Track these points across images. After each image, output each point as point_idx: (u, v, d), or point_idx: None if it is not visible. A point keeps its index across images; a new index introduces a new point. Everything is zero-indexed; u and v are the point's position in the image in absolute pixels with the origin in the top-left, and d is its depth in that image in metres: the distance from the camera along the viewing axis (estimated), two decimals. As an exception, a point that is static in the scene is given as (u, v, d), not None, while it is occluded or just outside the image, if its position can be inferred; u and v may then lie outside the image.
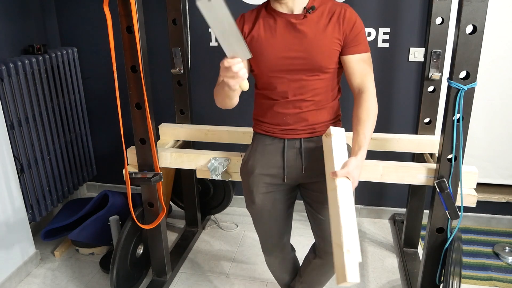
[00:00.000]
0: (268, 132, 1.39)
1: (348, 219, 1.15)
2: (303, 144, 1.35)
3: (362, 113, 1.26)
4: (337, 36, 1.26)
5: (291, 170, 1.38)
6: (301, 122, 1.34)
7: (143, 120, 1.60)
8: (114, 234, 1.92)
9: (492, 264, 2.07)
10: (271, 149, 1.38)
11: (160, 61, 2.32)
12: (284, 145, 1.36)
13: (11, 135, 1.96)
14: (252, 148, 1.44)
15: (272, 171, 1.39)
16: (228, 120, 2.42)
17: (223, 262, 2.14)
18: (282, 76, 1.30)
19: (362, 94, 1.28)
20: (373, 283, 1.97)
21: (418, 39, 2.12)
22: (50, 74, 2.21)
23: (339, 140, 1.25)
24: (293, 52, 1.27)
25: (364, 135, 1.24)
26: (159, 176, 1.68)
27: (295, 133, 1.35)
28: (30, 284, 1.99)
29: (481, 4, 1.25)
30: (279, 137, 1.37)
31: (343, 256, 1.09)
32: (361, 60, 1.29)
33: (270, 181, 1.40)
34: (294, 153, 1.36)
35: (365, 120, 1.25)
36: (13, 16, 2.12)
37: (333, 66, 1.29)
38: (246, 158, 1.46)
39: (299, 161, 1.37)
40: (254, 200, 1.43)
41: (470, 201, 1.50)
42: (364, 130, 1.24)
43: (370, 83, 1.29)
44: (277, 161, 1.38)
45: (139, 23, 1.46)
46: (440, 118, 1.63)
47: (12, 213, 1.94)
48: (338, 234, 1.14)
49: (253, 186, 1.41)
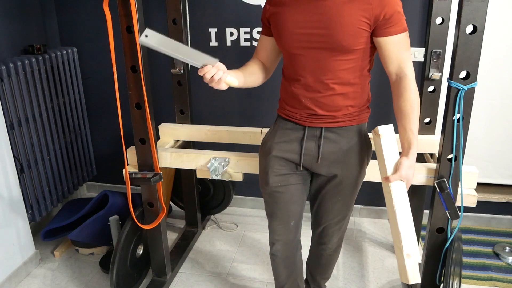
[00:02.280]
0: (290, 117, 1.35)
1: (405, 222, 1.20)
2: (323, 134, 1.32)
3: (405, 105, 1.19)
4: (363, 14, 1.15)
5: (307, 158, 1.36)
6: (322, 107, 1.27)
7: (143, 120, 1.60)
8: (114, 234, 1.92)
9: (492, 264, 2.07)
10: (291, 134, 1.36)
11: (160, 61, 2.32)
12: (304, 132, 1.33)
13: (11, 135, 1.96)
14: (273, 130, 1.42)
15: (288, 155, 1.37)
16: (228, 120, 2.42)
17: (223, 262, 2.14)
18: (302, 53, 1.23)
19: (401, 82, 1.20)
20: (373, 283, 1.97)
21: (418, 39, 2.11)
22: (50, 74, 2.21)
23: (389, 139, 1.22)
24: (314, 28, 1.19)
25: (411, 130, 1.18)
26: (159, 176, 1.68)
27: (317, 122, 1.30)
28: (30, 284, 1.99)
29: (481, 4, 1.25)
30: (300, 124, 1.33)
31: (403, 260, 1.19)
32: (397, 42, 1.18)
33: (285, 165, 1.38)
34: (313, 142, 1.34)
35: (410, 113, 1.18)
36: (13, 16, 2.12)
37: (360, 46, 1.20)
38: (265, 138, 1.44)
39: (316, 151, 1.34)
40: (268, 181, 1.41)
41: (470, 201, 1.50)
42: (411, 124, 1.18)
43: (408, 68, 1.21)
44: (295, 147, 1.36)
45: (139, 23, 1.46)
46: (440, 118, 1.63)
47: (12, 213, 1.94)
48: (397, 237, 1.20)
49: (268, 167, 1.40)
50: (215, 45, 2.29)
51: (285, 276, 1.60)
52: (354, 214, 2.54)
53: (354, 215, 2.54)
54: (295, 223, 1.51)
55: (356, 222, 2.49)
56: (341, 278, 2.00)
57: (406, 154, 1.19)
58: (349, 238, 2.32)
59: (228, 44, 2.28)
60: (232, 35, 2.26)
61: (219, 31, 2.27)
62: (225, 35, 2.27)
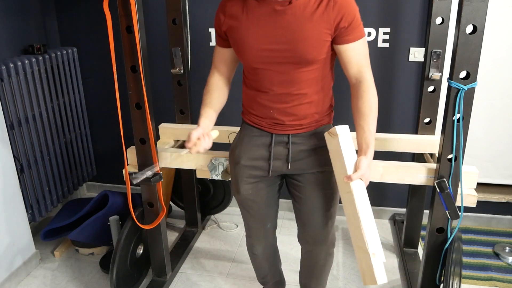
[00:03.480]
0: (256, 124, 1.36)
1: (368, 221, 1.17)
2: (290, 140, 1.33)
3: (364, 106, 1.21)
4: (325, 25, 1.17)
5: (277, 164, 1.37)
6: (289, 116, 1.30)
7: (143, 120, 1.60)
8: (114, 234, 1.92)
9: (492, 264, 2.07)
10: (258, 141, 1.36)
11: (160, 61, 2.32)
12: (271, 139, 1.34)
13: (11, 135, 1.96)
14: (239, 137, 1.42)
15: (257, 163, 1.38)
16: (228, 120, 2.42)
17: (223, 262, 2.14)
18: (267, 68, 1.24)
19: (360, 85, 1.23)
20: (373, 283, 1.97)
21: (418, 39, 2.11)
22: (50, 74, 2.21)
23: (346, 139, 1.21)
24: (277, 44, 1.19)
25: (369, 131, 1.20)
26: (159, 176, 1.68)
27: (284, 129, 1.32)
28: (30, 284, 1.99)
29: (481, 4, 1.25)
30: (267, 131, 1.34)
31: (369, 260, 1.14)
32: (356, 48, 1.21)
33: (254, 172, 1.39)
34: (281, 148, 1.35)
35: (368, 114, 1.21)
36: (13, 16, 2.12)
37: (323, 56, 1.22)
38: (233, 145, 1.45)
39: (285, 156, 1.35)
40: (239, 190, 1.43)
41: (470, 201, 1.50)
42: (369, 125, 1.20)
43: (368, 72, 1.24)
44: (263, 154, 1.36)
45: (139, 23, 1.46)
46: (440, 118, 1.63)
47: (12, 213, 1.94)
48: (360, 237, 1.17)
49: (238, 176, 1.41)
50: (214, 45, 2.29)
51: (267, 267, 1.67)
52: (354, 214, 2.54)
53: (354, 215, 2.54)
54: (272, 225, 1.55)
55: (356, 222, 2.49)
56: (341, 278, 2.00)
57: (364, 153, 1.19)
58: (349, 238, 2.32)
59: (228, 44, 2.28)
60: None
61: (219, 31, 2.27)
62: (225, 35, 2.27)
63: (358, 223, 1.17)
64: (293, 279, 1.99)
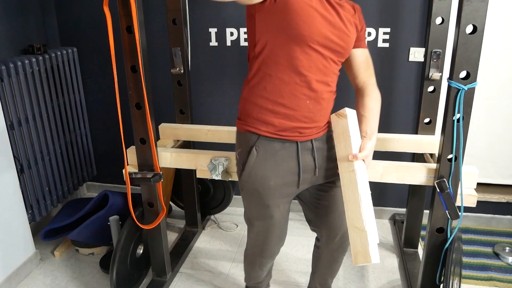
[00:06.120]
0: (276, 134, 1.24)
1: (366, 201, 1.19)
2: (314, 145, 1.30)
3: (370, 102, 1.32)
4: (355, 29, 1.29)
5: (306, 175, 1.32)
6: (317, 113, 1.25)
7: (143, 120, 1.60)
8: (114, 234, 1.92)
9: (492, 264, 2.07)
10: (283, 155, 1.26)
11: (160, 61, 2.32)
12: (297, 148, 1.27)
13: (11, 135, 1.95)
14: (258, 156, 1.26)
15: (287, 179, 1.29)
16: (228, 120, 2.42)
17: (223, 262, 2.14)
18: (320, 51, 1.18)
19: (368, 86, 1.34)
20: (373, 283, 1.97)
21: (418, 39, 2.12)
22: (50, 74, 2.21)
23: (353, 121, 1.28)
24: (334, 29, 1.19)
25: (374, 121, 1.30)
26: (159, 176, 1.68)
27: (306, 135, 1.27)
28: (30, 284, 1.99)
29: (481, 4, 1.25)
30: (290, 140, 1.25)
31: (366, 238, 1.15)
32: (367, 53, 1.35)
33: (286, 191, 1.31)
34: (308, 155, 1.30)
35: (373, 108, 1.31)
36: (13, 16, 2.12)
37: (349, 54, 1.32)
38: (250, 167, 1.28)
39: (312, 164, 1.31)
40: (272, 215, 1.33)
41: (470, 201, 1.50)
42: (374, 116, 1.31)
43: (374, 77, 1.37)
44: (292, 167, 1.28)
45: (139, 23, 1.46)
46: (440, 118, 1.63)
47: (12, 213, 1.94)
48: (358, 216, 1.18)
49: (270, 200, 1.30)
50: (215, 45, 2.29)
51: (264, 276, 1.68)
52: (354, 214, 2.54)
53: (354, 215, 2.54)
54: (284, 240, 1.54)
55: (356, 222, 2.49)
56: (341, 278, 2.00)
57: (369, 138, 1.27)
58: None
59: (228, 44, 2.28)
60: (232, 35, 2.26)
61: (219, 31, 2.27)
62: (225, 35, 2.27)
63: (357, 202, 1.19)
64: (293, 279, 1.99)
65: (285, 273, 2.04)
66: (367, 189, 1.21)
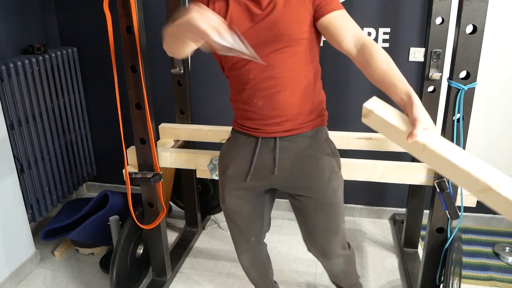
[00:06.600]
0: (242, 127, 1.31)
1: (467, 160, 0.97)
2: (278, 144, 1.26)
3: (380, 64, 1.05)
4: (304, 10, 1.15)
5: (261, 173, 1.30)
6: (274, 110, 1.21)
7: (143, 120, 1.60)
8: (114, 234, 1.92)
9: (492, 264, 2.07)
10: (245, 147, 1.31)
11: (160, 61, 2.32)
12: (256, 143, 1.28)
13: (11, 135, 1.96)
14: (228, 144, 1.39)
15: (241, 171, 1.33)
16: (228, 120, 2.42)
17: (223, 262, 2.14)
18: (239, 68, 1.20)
19: (364, 48, 1.09)
20: (373, 283, 1.97)
21: (418, 39, 2.12)
22: (50, 74, 2.21)
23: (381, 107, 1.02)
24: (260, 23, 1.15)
25: (400, 81, 1.01)
26: (159, 176, 1.68)
27: (268, 132, 1.25)
28: (30, 284, 1.99)
29: (481, 4, 1.25)
30: (253, 135, 1.28)
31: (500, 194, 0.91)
32: (340, 17, 1.13)
33: (239, 182, 1.34)
34: (268, 153, 1.27)
35: (388, 68, 1.04)
36: (13, 16, 2.12)
37: (305, 36, 1.17)
38: (222, 153, 1.41)
39: (271, 162, 1.28)
40: (224, 200, 1.40)
41: (470, 201, 1.50)
42: (397, 76, 1.02)
43: (365, 35, 1.12)
44: (247, 160, 1.31)
45: (139, 23, 1.46)
46: (440, 118, 1.63)
47: (12, 213, 1.94)
48: (473, 180, 0.95)
49: (224, 186, 1.38)
50: (215, 45, 2.29)
51: (256, 276, 1.65)
52: (354, 214, 2.54)
53: (354, 215, 2.54)
54: (256, 238, 1.50)
55: (356, 222, 2.49)
56: (341, 278, 2.00)
57: (410, 104, 0.99)
58: (349, 238, 2.32)
59: (228, 44, 2.28)
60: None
61: (219, 31, 2.27)
62: (225, 35, 2.27)
63: (458, 168, 0.96)
64: (293, 279, 1.99)
65: (285, 273, 2.04)
66: (456, 148, 0.98)
